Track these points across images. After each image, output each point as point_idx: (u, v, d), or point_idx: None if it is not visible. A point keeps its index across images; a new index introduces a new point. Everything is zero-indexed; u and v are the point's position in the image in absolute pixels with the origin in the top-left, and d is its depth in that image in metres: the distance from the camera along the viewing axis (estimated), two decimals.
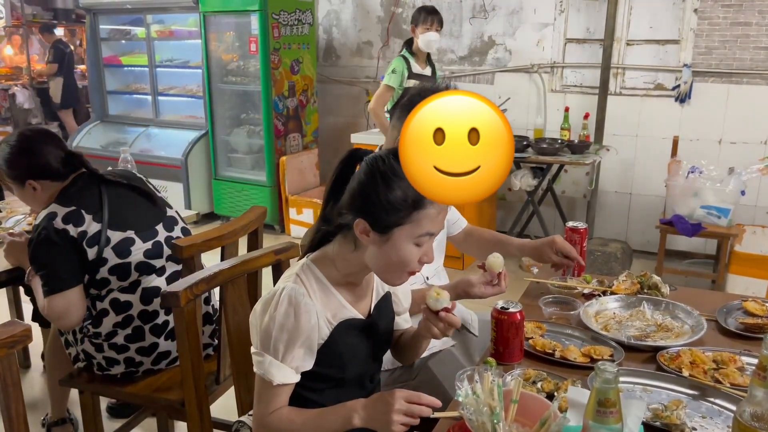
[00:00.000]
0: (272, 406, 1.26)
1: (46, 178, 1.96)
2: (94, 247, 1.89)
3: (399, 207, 1.19)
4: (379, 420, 1.17)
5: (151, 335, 1.98)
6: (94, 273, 1.92)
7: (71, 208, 1.89)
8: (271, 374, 1.23)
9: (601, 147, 4.36)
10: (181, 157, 5.16)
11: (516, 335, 1.49)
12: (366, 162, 1.25)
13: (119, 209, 1.97)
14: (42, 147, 1.96)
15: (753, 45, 4.06)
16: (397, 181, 1.19)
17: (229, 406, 1.82)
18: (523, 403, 1.18)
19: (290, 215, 5.01)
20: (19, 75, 8.52)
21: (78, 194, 1.94)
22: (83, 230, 1.88)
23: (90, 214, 1.90)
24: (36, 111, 8.32)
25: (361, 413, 1.21)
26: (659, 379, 1.40)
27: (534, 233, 4.84)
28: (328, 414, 1.25)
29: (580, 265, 1.91)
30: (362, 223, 1.22)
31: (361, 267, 1.30)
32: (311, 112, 5.34)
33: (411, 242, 1.22)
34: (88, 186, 1.98)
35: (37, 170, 1.95)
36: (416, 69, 3.96)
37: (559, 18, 4.59)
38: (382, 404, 1.17)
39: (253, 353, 1.27)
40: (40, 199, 1.98)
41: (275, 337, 1.22)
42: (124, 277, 1.95)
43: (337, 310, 1.30)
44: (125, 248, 1.94)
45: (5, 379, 1.22)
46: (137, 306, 1.97)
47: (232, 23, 5.04)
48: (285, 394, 1.27)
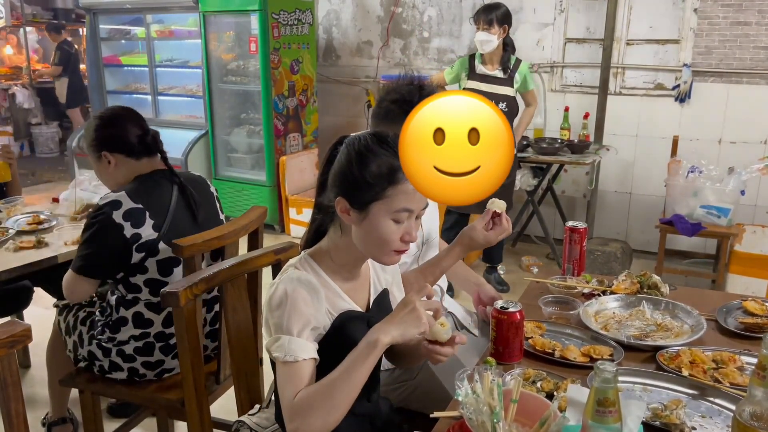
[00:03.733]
0: (299, 387, 1.19)
1: (120, 151, 1.97)
2: (142, 253, 1.89)
3: (374, 182, 1.21)
4: (407, 320, 1.17)
5: (160, 353, 1.97)
6: (130, 275, 1.92)
7: (138, 205, 1.89)
8: (293, 352, 1.19)
9: (601, 147, 4.36)
10: (181, 156, 5.17)
11: (516, 335, 1.49)
12: (345, 143, 1.28)
13: (180, 224, 1.97)
14: (121, 121, 2.00)
15: (753, 45, 4.06)
16: (372, 157, 1.22)
17: (229, 406, 1.82)
18: (523, 403, 1.18)
19: (290, 215, 5.01)
20: (19, 75, 8.52)
21: (150, 191, 1.95)
22: (138, 233, 1.88)
23: (153, 219, 1.91)
24: (36, 111, 8.32)
25: (384, 328, 1.17)
26: (659, 378, 1.40)
27: (534, 233, 4.84)
28: (353, 354, 1.18)
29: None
30: (342, 202, 1.24)
31: (353, 255, 1.30)
32: (311, 112, 5.34)
33: (388, 218, 1.23)
34: (162, 184, 1.99)
35: (112, 142, 1.98)
36: (480, 70, 3.73)
37: (559, 18, 4.59)
38: (403, 306, 1.19)
39: (269, 345, 1.23)
40: (113, 175, 2.00)
41: (288, 316, 1.20)
42: (156, 293, 1.93)
43: (336, 301, 1.30)
44: (168, 267, 1.94)
45: (5, 379, 1.22)
46: (157, 326, 1.96)
47: (232, 23, 5.04)
48: (310, 371, 1.20)
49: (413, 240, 1.27)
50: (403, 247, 1.26)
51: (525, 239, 4.90)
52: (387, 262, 1.31)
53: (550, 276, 1.95)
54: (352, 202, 1.24)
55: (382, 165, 1.21)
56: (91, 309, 2.10)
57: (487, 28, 3.59)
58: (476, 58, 3.75)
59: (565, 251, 1.99)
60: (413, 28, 5.16)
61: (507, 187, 3.90)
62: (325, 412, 1.15)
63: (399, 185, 1.21)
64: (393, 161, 1.20)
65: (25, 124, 8.33)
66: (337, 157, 1.28)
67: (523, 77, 3.75)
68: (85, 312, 2.09)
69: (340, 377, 1.17)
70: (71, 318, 2.10)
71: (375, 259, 1.33)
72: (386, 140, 1.24)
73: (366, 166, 1.22)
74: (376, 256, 1.30)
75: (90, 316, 2.07)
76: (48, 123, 8.39)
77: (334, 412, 1.16)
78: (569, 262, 1.98)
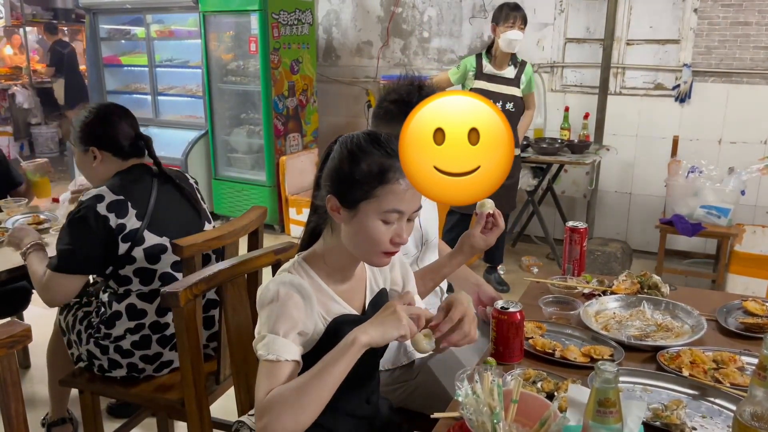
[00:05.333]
0: (274, 386, 1.16)
1: (109, 150, 1.99)
2: (128, 243, 1.90)
3: (364, 181, 1.21)
4: (386, 322, 1.17)
5: (157, 345, 1.98)
6: (119, 268, 1.93)
7: (120, 197, 1.90)
8: (276, 351, 1.18)
9: (601, 147, 4.36)
10: (181, 156, 5.16)
11: (516, 335, 1.49)
12: (338, 141, 1.28)
13: (163, 211, 1.98)
14: (117, 120, 2.01)
15: (753, 45, 4.06)
16: (363, 156, 1.21)
17: (229, 406, 1.82)
18: (523, 403, 1.18)
19: (290, 215, 5.01)
20: (19, 75, 8.52)
21: (131, 184, 1.96)
22: (123, 223, 1.89)
23: (135, 209, 1.92)
24: (36, 111, 8.32)
25: (363, 328, 1.17)
26: (659, 378, 1.40)
27: (534, 233, 4.84)
28: (330, 353, 1.17)
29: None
30: (332, 200, 1.24)
31: (346, 256, 1.30)
32: (311, 112, 5.34)
33: (377, 218, 1.22)
34: (142, 178, 2.00)
35: (103, 140, 1.99)
36: (489, 70, 3.67)
37: (558, 18, 4.59)
38: (384, 309, 1.20)
39: (255, 342, 1.22)
40: (96, 171, 2.01)
41: (276, 316, 1.20)
42: (147, 282, 1.95)
43: (330, 305, 1.29)
44: (156, 254, 1.95)
45: (5, 379, 1.22)
46: (151, 316, 1.96)
47: (231, 23, 5.04)
48: (289, 372, 1.18)
49: (403, 242, 1.26)
50: (393, 249, 1.25)
51: (525, 239, 4.90)
52: (376, 264, 1.30)
53: (551, 276, 1.95)
54: (341, 200, 1.23)
55: (372, 164, 1.20)
56: (89, 308, 2.10)
57: (522, 26, 3.57)
58: (483, 57, 3.72)
59: (565, 251, 1.99)
60: (413, 28, 5.16)
61: (511, 187, 3.90)
62: (298, 408, 1.13)
63: (389, 185, 1.20)
64: (384, 161, 1.20)
65: (25, 124, 8.32)
66: (331, 155, 1.28)
67: (528, 78, 3.76)
68: (83, 311, 2.09)
69: (314, 375, 1.15)
70: (71, 317, 2.10)
71: (364, 260, 1.32)
72: (379, 140, 1.23)
73: (356, 164, 1.21)
74: (365, 257, 1.29)
75: (88, 316, 2.07)
76: (48, 123, 8.38)
77: (306, 409, 1.13)
78: (569, 263, 1.99)
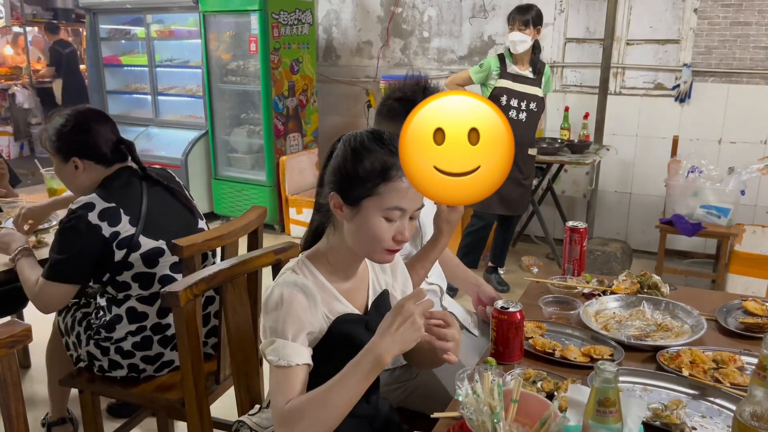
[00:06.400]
0: (291, 393, 1.18)
1: (92, 159, 1.94)
2: (123, 250, 1.88)
3: (366, 178, 1.21)
4: (406, 334, 1.14)
5: (158, 345, 1.97)
6: (116, 274, 1.91)
7: (111, 204, 1.87)
8: (287, 356, 1.19)
9: (601, 147, 4.36)
10: (181, 156, 5.16)
11: (516, 335, 1.49)
12: (342, 139, 1.29)
13: (156, 214, 1.96)
14: (96, 127, 1.94)
15: (753, 45, 4.06)
16: (366, 153, 1.22)
17: (229, 406, 1.82)
18: (523, 403, 1.18)
19: (290, 215, 5.01)
20: (19, 75, 8.52)
21: (121, 190, 1.92)
22: (116, 231, 1.86)
23: (128, 215, 1.89)
24: (36, 111, 8.32)
25: (385, 345, 1.14)
26: (659, 378, 1.40)
27: (534, 233, 4.84)
28: (352, 368, 1.16)
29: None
30: (335, 197, 1.25)
31: (349, 255, 1.30)
32: (311, 112, 5.34)
33: (380, 215, 1.22)
34: (131, 182, 1.97)
35: (85, 149, 1.92)
36: (512, 69, 3.73)
37: (558, 18, 4.59)
38: (400, 315, 1.14)
39: (263, 347, 1.22)
40: (78, 180, 1.96)
41: (284, 320, 1.20)
42: (146, 286, 1.94)
43: (333, 304, 1.29)
44: (153, 258, 1.93)
45: (5, 379, 1.22)
46: (152, 318, 1.96)
47: (231, 23, 5.04)
48: (303, 377, 1.20)
49: (405, 240, 1.26)
50: (395, 246, 1.26)
51: (525, 239, 4.91)
52: (379, 261, 1.31)
53: (550, 276, 1.95)
54: (344, 197, 1.24)
55: (375, 161, 1.21)
56: (87, 309, 2.10)
57: (523, 28, 3.64)
58: (506, 57, 3.76)
59: (565, 251, 1.99)
60: (413, 28, 5.16)
61: (529, 188, 3.92)
62: (317, 423, 1.15)
63: (391, 183, 1.21)
64: (387, 158, 1.21)
65: (25, 124, 8.32)
66: (334, 153, 1.28)
67: (547, 79, 3.80)
68: (82, 312, 2.09)
69: (336, 390, 1.15)
70: (69, 319, 2.09)
71: (367, 257, 1.33)
72: (382, 138, 1.24)
73: (360, 161, 1.22)
74: (368, 254, 1.30)
75: (86, 317, 2.07)
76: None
77: (325, 424, 1.16)
78: (569, 262, 1.98)
